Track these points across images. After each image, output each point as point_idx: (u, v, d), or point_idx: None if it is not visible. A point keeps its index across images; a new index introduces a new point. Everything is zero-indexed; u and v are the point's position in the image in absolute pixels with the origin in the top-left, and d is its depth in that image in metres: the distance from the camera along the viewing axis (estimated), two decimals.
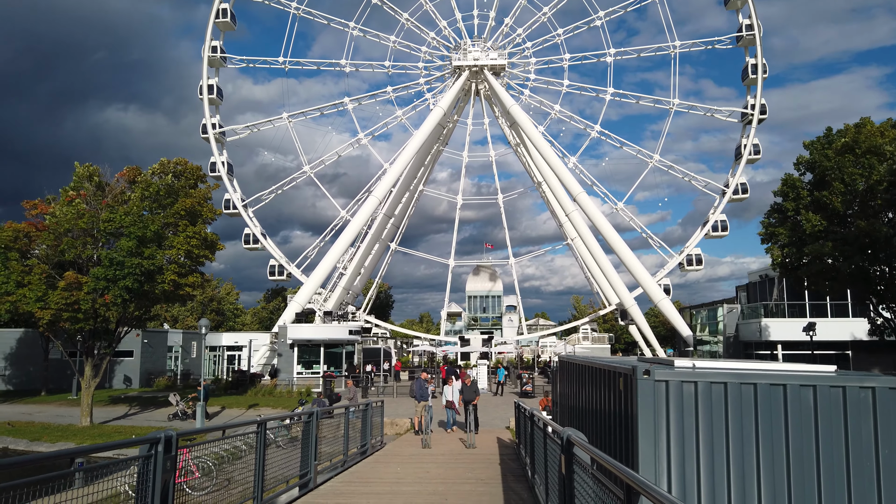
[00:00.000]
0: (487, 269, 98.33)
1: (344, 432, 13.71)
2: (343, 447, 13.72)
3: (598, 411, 9.44)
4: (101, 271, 27.29)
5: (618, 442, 7.94)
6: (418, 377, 23.75)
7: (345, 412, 13.95)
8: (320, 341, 47.56)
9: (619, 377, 7.92)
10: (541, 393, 40.30)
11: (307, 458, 10.87)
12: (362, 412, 16.05)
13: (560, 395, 13.65)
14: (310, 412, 11.11)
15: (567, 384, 12.73)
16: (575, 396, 11.68)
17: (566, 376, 12.77)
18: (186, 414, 32.53)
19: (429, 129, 67.33)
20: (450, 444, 18.90)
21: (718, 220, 73.16)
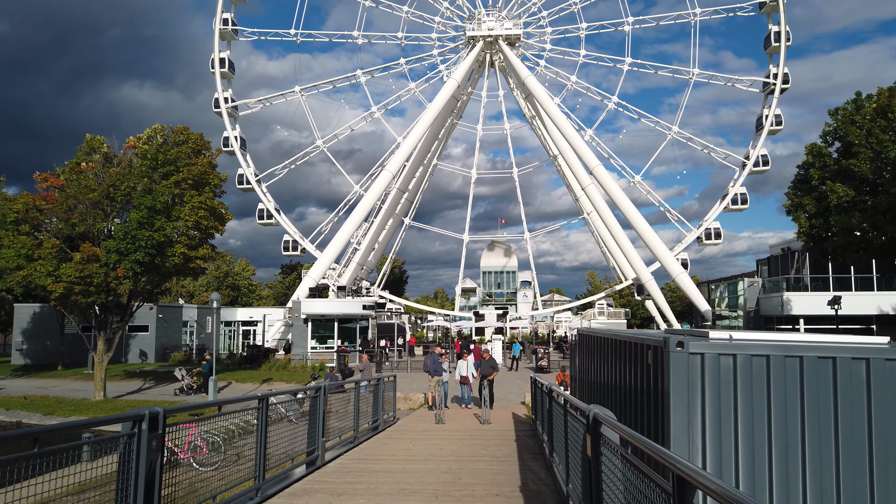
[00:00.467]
0: (502, 245, 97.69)
1: (354, 408, 13.21)
2: (353, 423, 13.22)
3: (621, 387, 8.82)
4: (114, 244, 26.91)
5: (645, 420, 7.33)
6: (432, 352, 23.13)
7: (355, 387, 13.43)
8: (334, 316, 47.26)
9: (648, 350, 7.27)
10: (557, 368, 39.81)
11: (314, 435, 10.37)
12: (374, 387, 15.55)
13: (579, 370, 13.06)
14: (318, 387, 10.58)
15: (587, 358, 12.11)
16: (596, 371, 11.07)
17: (586, 350, 12.15)
18: (192, 388, 32.28)
19: (443, 101, 66.21)
20: (464, 420, 18.42)
21: (738, 193, 71.74)
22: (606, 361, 9.95)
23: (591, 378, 11.49)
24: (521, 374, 37.49)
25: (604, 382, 10.29)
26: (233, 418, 10.76)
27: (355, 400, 13.24)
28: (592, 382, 11.33)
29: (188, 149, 30.15)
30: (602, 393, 10.50)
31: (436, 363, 21.62)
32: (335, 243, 61.72)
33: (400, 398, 24.39)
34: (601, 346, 10.41)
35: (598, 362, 10.85)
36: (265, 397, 8.17)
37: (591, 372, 11.48)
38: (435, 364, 21.57)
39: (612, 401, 9.52)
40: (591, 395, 11.48)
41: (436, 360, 21.75)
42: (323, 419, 10.53)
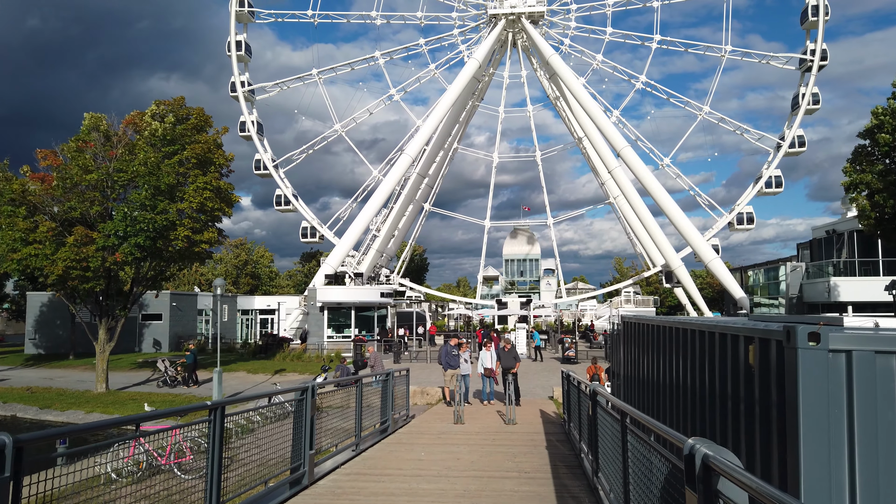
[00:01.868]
0: (525, 232, 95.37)
1: (356, 409, 11.17)
2: (355, 427, 11.17)
3: (693, 393, 6.66)
4: (112, 226, 25.14)
5: (744, 447, 5.19)
6: (446, 342, 20.65)
7: (357, 385, 11.39)
8: (350, 304, 45.41)
9: (749, 344, 5.11)
10: (585, 359, 37.56)
11: (299, 448, 8.34)
12: (382, 383, 13.53)
13: (624, 366, 10.89)
14: (303, 388, 8.55)
15: (635, 352, 9.95)
16: (648, 369, 8.93)
17: (634, 342, 9.99)
18: (176, 380, 30.56)
19: (463, 81, 63.74)
20: (486, 419, 16.33)
21: (773, 176, 68.62)
22: (667, 357, 7.79)
23: (642, 376, 9.35)
24: (546, 365, 35.31)
25: (661, 383, 8.14)
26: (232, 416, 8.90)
27: (357, 400, 11.20)
28: (643, 382, 9.19)
29: (190, 125, 28.27)
30: (658, 397, 8.36)
31: (449, 355, 19.34)
32: (353, 229, 59.74)
33: (416, 392, 22.42)
34: (658, 337, 8.26)
35: (652, 358, 8.69)
36: (218, 406, 6.13)
37: (642, 369, 9.34)
38: (448, 356, 19.31)
39: (674, 410, 7.38)
40: (640, 398, 9.35)
41: (449, 351, 19.45)
42: (311, 428, 8.50)
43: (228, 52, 72.90)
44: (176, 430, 12.46)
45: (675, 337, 7.17)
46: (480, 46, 67.97)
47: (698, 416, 6.39)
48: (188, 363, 30.25)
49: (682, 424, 6.97)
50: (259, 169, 73.42)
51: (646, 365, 9.03)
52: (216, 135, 29.46)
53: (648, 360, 8.83)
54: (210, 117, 29.69)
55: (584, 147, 75.40)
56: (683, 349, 6.88)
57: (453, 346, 19.62)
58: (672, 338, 7.35)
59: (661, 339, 7.97)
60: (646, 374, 9.03)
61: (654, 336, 8.33)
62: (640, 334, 9.40)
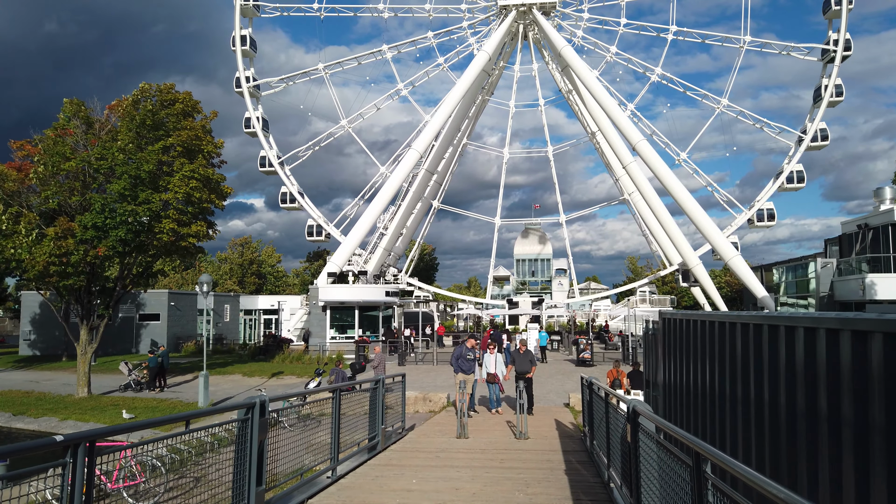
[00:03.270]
0: (536, 232, 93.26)
1: (332, 425, 9.13)
2: (331, 450, 9.15)
3: (795, 415, 4.58)
4: (90, 218, 23.23)
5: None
6: (462, 342, 18.17)
7: (333, 397, 9.35)
8: (354, 303, 43.46)
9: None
10: (601, 361, 35.44)
11: (242, 486, 6.34)
12: (371, 391, 11.51)
13: (665, 373, 8.82)
14: (248, 404, 6.54)
15: (682, 357, 7.87)
16: (701, 380, 6.87)
17: (680, 344, 7.90)
18: (141, 384, 28.65)
19: (473, 75, 61.66)
20: (493, 432, 14.27)
21: (794, 171, 66.08)
22: (740, 364, 5.71)
23: (693, 389, 7.27)
24: (560, 368, 33.20)
25: (729, 399, 6.07)
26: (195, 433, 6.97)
27: (334, 413, 9.16)
28: (697, 396, 7.10)
29: (177, 111, 26.36)
30: (719, 416, 6.29)
31: (462, 358, 17.06)
32: (360, 227, 57.77)
33: (418, 399, 20.40)
34: (723, 336, 6.18)
35: (710, 364, 6.62)
36: (72, 443, 4.09)
37: (693, 381, 7.25)
38: (461, 359, 17.02)
39: (756, 440, 5.30)
40: (692, 416, 7.28)
41: (463, 354, 17.12)
42: (259, 459, 6.49)
43: (233, 46, 71.22)
44: (128, 450, 10.60)
45: (759, 336, 5.12)
46: (490, 39, 65.88)
47: (804, 451, 4.32)
48: (151, 366, 28.36)
49: (738, 448, 4.98)
50: (264, 166, 71.78)
51: (697, 376, 6.95)
52: (204, 121, 27.54)
53: (703, 367, 6.76)
54: (198, 102, 27.78)
55: (598, 142, 73.20)
56: (774, 353, 4.82)
57: (469, 348, 17.45)
58: (751, 337, 5.29)
59: (729, 340, 5.91)
60: (697, 386, 6.96)
61: (716, 336, 6.27)
62: (690, 334, 7.34)
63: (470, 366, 16.98)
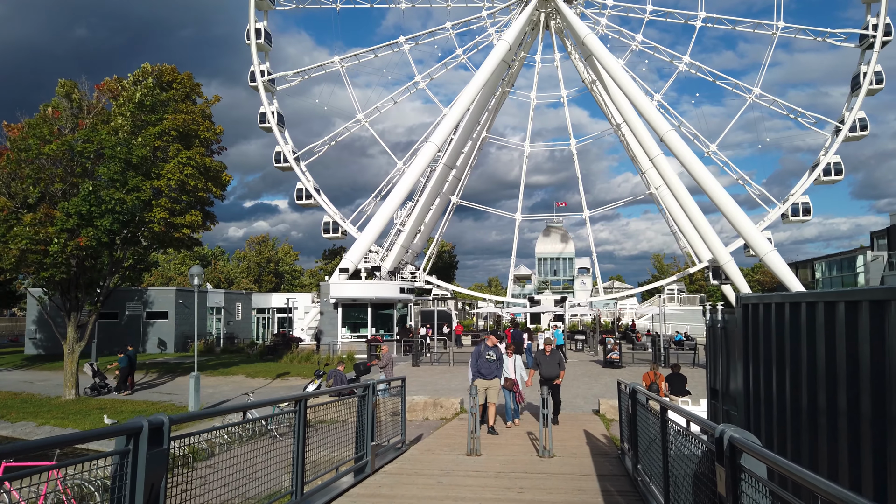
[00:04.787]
0: (559, 230, 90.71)
1: (294, 450, 6.88)
2: (293, 480, 6.91)
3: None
4: (75, 204, 21.30)
5: None
6: (482, 341, 14.82)
7: (296, 410, 7.09)
8: (367, 300, 41.33)
9: None
10: (630, 362, 32.94)
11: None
12: (358, 399, 9.30)
13: (748, 381, 6.45)
14: (131, 428, 4.35)
15: (780, 359, 5.50)
16: (826, 392, 4.54)
17: (774, 341, 5.57)
18: (107, 387, 26.56)
19: (493, 65, 59.25)
20: (511, 447, 11.97)
21: (832, 162, 62.79)
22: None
23: (804, 405, 4.93)
24: (584, 369, 30.78)
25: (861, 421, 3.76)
26: None
27: (297, 432, 6.90)
28: (812, 416, 4.76)
29: (175, 93, 24.40)
30: (849, 450, 3.99)
31: (481, 358, 14.01)
32: (375, 223, 55.65)
33: (428, 404, 18.15)
34: (853, 328, 3.89)
35: (835, 374, 4.29)
36: None
37: (803, 394, 4.92)
38: (480, 359, 14.00)
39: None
40: (810, 451, 4.94)
41: (482, 353, 14.08)
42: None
43: (247, 40, 69.66)
44: (57, 472, 8.50)
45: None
46: (510, 28, 63.44)
47: None
48: (122, 367, 26.47)
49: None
50: (279, 162, 70.16)
51: (816, 383, 4.64)
52: (205, 105, 25.55)
53: (826, 374, 4.46)
54: (199, 85, 25.84)
55: (623, 134, 70.46)
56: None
57: (490, 346, 14.28)
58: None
59: (872, 331, 3.63)
60: (816, 400, 4.64)
61: (849, 325, 3.98)
62: (795, 325, 5.04)
63: (491, 369, 14.05)
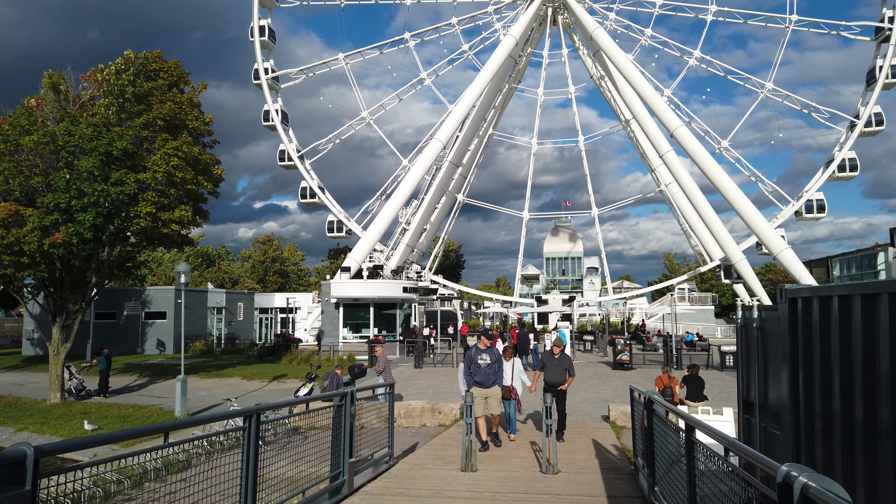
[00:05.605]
0: (567, 230, 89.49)
1: (243, 474, 5.73)
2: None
3: None
4: (53, 198, 20.25)
5: None
6: (473, 346, 12.51)
7: (244, 427, 5.91)
8: (369, 300, 40.22)
9: None
10: (640, 363, 31.70)
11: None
12: (335, 409, 8.17)
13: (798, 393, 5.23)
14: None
15: (842, 367, 4.31)
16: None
17: (837, 343, 4.39)
18: (86, 390, 25.57)
19: (499, 60, 58.07)
20: (511, 461, 10.80)
21: (847, 159, 61.28)
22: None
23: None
24: (593, 371, 29.54)
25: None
26: None
27: (244, 462, 5.74)
28: None
29: (162, 82, 23.33)
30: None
31: (474, 363, 11.91)
32: (379, 221, 54.58)
33: (426, 409, 17.01)
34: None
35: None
36: None
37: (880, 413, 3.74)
38: (473, 364, 11.91)
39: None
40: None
41: (474, 356, 11.98)
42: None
43: (251, 37, 68.77)
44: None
45: None
46: (517, 23, 62.24)
47: None
48: (101, 369, 25.42)
49: None
50: (283, 160, 69.24)
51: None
52: (192, 93, 24.46)
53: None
54: (187, 74, 24.75)
55: (632, 131, 69.12)
56: None
57: (483, 349, 11.98)
58: None
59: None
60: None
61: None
62: (866, 323, 3.90)
63: (488, 374, 11.83)
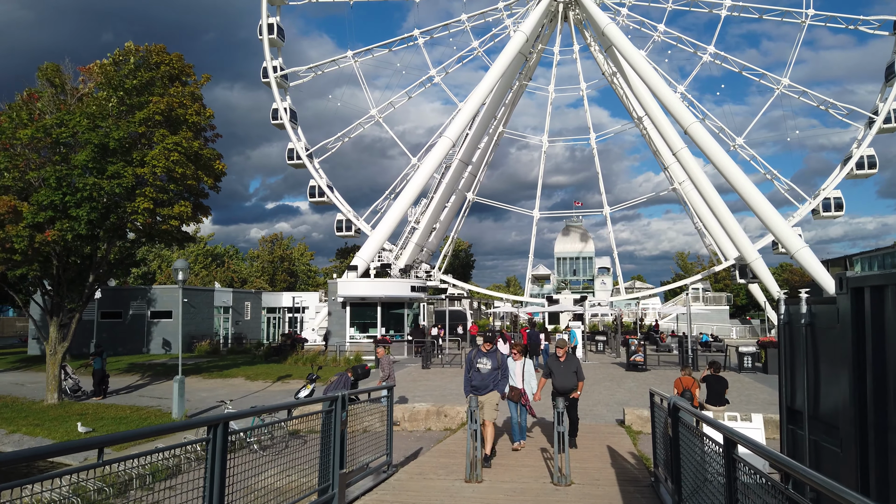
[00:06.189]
0: (578, 229, 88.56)
1: (207, 496, 4.95)
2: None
3: None
4: (46, 194, 19.62)
5: None
6: (473, 349, 11.80)
7: (207, 438, 5.16)
8: (376, 299, 39.47)
9: None
10: (655, 364, 30.76)
11: None
12: (324, 415, 7.39)
13: (875, 404, 4.38)
14: None
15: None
16: None
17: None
18: (81, 390, 24.82)
19: (509, 56, 57.20)
20: (519, 470, 9.97)
21: (865, 155, 59.94)
22: None
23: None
24: (606, 372, 28.63)
25: None
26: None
27: (208, 481, 4.96)
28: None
29: (162, 73, 22.66)
30: None
31: (472, 367, 10.92)
32: (388, 220, 53.85)
33: (431, 413, 16.22)
34: None
35: None
36: None
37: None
38: (472, 369, 10.90)
39: None
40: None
41: (473, 360, 10.99)
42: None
43: (260, 35, 68.31)
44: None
45: None
46: (528, 18, 61.30)
47: None
48: (96, 369, 24.76)
49: None
50: (292, 158, 68.78)
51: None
52: (195, 86, 23.79)
53: None
54: (191, 66, 24.07)
55: (645, 128, 68.05)
56: None
57: (486, 351, 10.92)
58: None
59: None
60: None
61: None
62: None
63: (485, 380, 10.75)
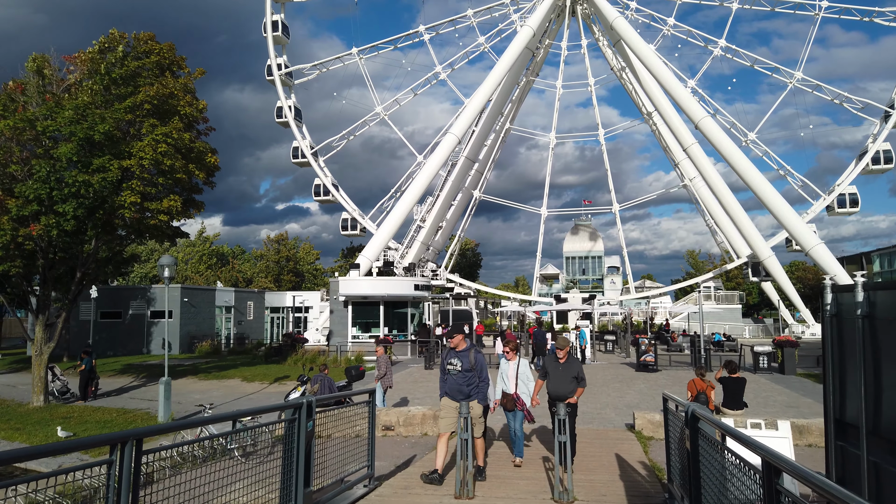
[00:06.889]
0: (587, 228, 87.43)
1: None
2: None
3: None
4: (30, 188, 18.76)
5: None
6: (446, 348, 9.99)
7: (110, 460, 4.21)
8: (378, 298, 38.51)
9: None
10: (666, 365, 29.62)
11: None
12: (287, 425, 6.42)
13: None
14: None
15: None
16: None
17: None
18: (67, 393, 23.89)
19: (516, 52, 56.11)
20: (516, 484, 8.94)
21: (881, 150, 58.46)
22: None
23: None
24: (615, 373, 27.53)
25: None
26: None
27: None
28: None
29: (152, 63, 21.80)
30: None
31: (443, 367, 9.49)
32: (393, 218, 52.87)
33: (426, 417, 15.21)
34: None
35: None
36: None
37: None
38: (444, 373, 9.49)
39: None
40: None
41: (445, 361, 9.47)
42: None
43: (264, 33, 67.50)
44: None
45: None
46: (535, 13, 60.19)
47: None
48: (86, 370, 23.82)
49: None
50: (297, 157, 68.01)
51: None
52: (187, 79, 22.90)
53: None
54: (183, 59, 23.18)
55: (655, 124, 66.77)
56: None
57: (459, 351, 9.32)
58: None
59: None
60: None
61: None
62: None
63: (459, 385, 9.23)
